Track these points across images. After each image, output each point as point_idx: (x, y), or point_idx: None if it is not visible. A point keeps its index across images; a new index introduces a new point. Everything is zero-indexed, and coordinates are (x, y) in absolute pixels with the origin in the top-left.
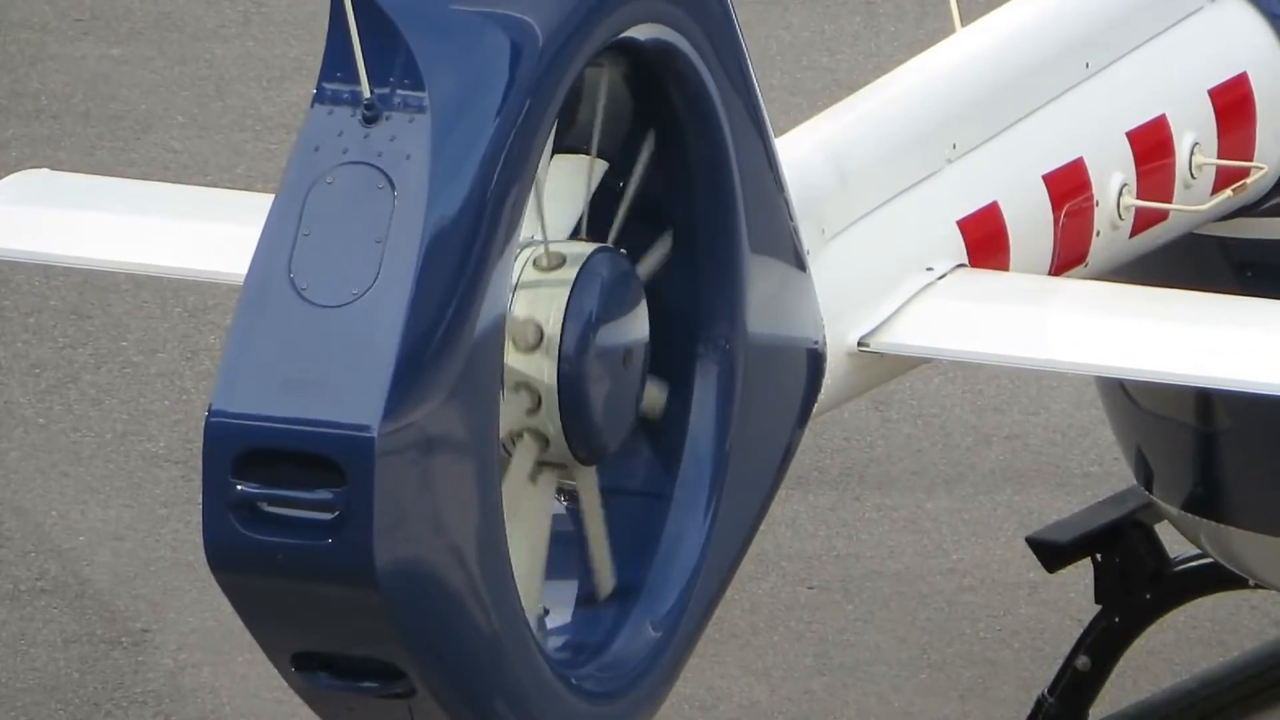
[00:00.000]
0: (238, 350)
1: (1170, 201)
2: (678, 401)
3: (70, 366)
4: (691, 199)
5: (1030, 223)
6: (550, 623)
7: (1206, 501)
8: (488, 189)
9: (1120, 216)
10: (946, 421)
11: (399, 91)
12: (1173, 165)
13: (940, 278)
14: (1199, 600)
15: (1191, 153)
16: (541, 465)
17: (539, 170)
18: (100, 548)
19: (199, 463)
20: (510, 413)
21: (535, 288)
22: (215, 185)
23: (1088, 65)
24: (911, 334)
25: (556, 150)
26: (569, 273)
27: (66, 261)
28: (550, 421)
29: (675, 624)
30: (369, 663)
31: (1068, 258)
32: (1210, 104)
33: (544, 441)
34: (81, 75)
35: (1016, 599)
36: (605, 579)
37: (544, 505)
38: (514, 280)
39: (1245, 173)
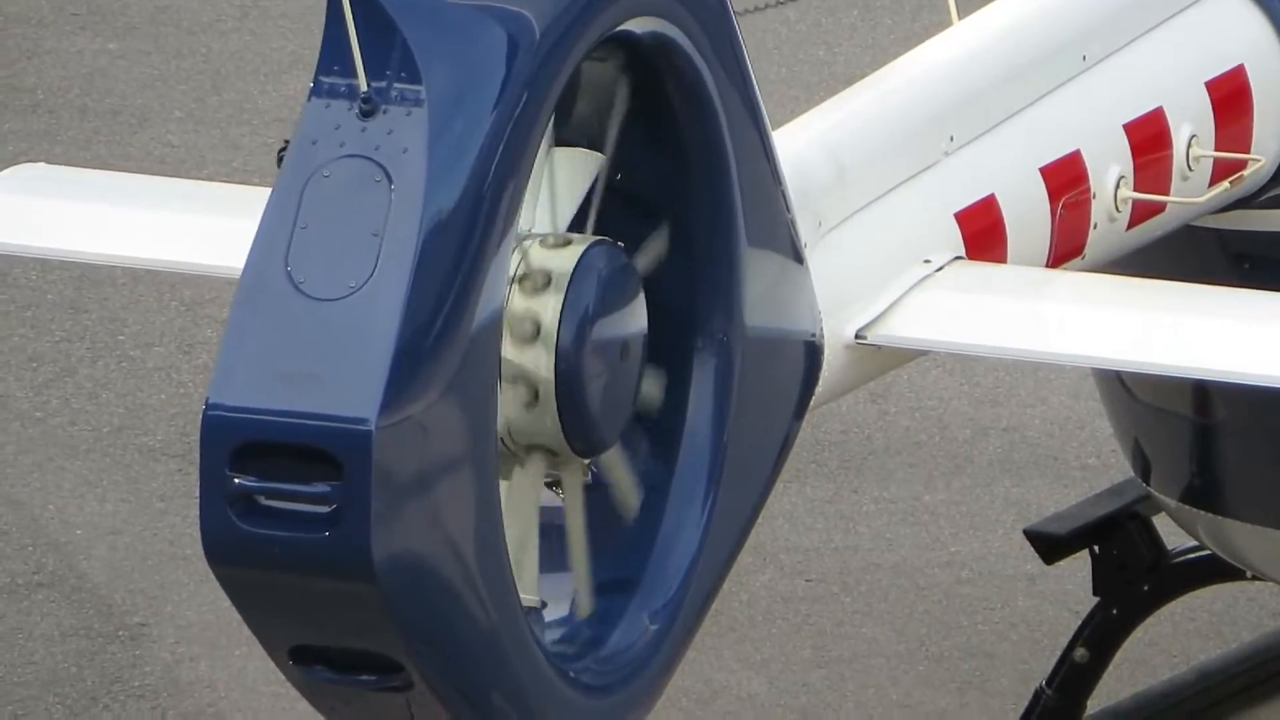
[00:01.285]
0: (235, 343)
1: (1167, 194)
2: (675, 394)
3: (67, 360)
4: (689, 192)
5: (1027, 215)
6: (547, 616)
7: (1204, 493)
8: (485, 182)
9: (1117, 209)
10: (944, 414)
11: (396, 85)
12: (1170, 157)
13: (937, 270)
14: (1197, 592)
15: (1189, 145)
16: (534, 456)
17: (537, 163)
18: (97, 541)
19: (196, 456)
20: (507, 405)
21: (532, 281)
22: (212, 179)
23: (1084, 58)
24: (909, 326)
25: (554, 143)
26: (566, 266)
27: (63, 255)
28: (548, 414)
29: (673, 617)
30: (366, 656)
31: (1065, 250)
32: (1207, 96)
33: (538, 433)
34: (78, 70)
35: (1014, 591)
36: (584, 597)
37: (537, 497)
38: (511, 273)
39: (1242, 165)
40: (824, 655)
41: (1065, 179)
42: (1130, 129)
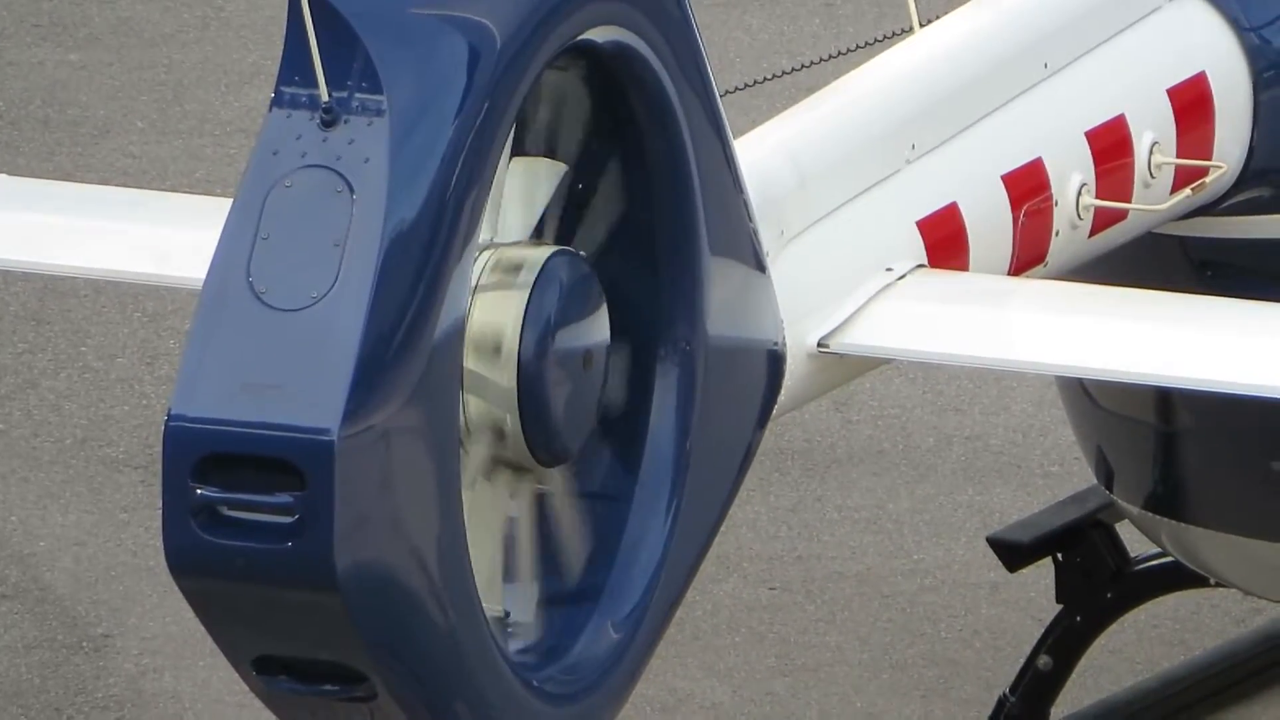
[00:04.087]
0: (197, 354)
1: (1130, 201)
2: (638, 403)
3: (29, 372)
4: (651, 201)
5: (990, 223)
6: (511, 625)
7: (1167, 500)
8: (446, 192)
9: (1079, 216)
10: (907, 422)
11: (357, 95)
12: (1132, 165)
13: (900, 278)
14: (1160, 599)
15: (1151, 152)
16: (497, 465)
17: (498, 173)
18: (61, 553)
19: (159, 467)
20: (470, 415)
21: (494, 290)
22: (174, 190)
23: (1046, 65)
24: (871, 335)
25: (515, 153)
26: (528, 276)
27: (25, 267)
28: (510, 424)
29: (636, 625)
30: (330, 666)
31: (1027, 258)
32: (1169, 103)
33: (501, 442)
34: (40, 81)
35: (978, 599)
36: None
37: (500, 506)
38: (473, 283)
39: (1204, 172)
40: (788, 664)
41: (1027, 187)
42: (1092, 136)
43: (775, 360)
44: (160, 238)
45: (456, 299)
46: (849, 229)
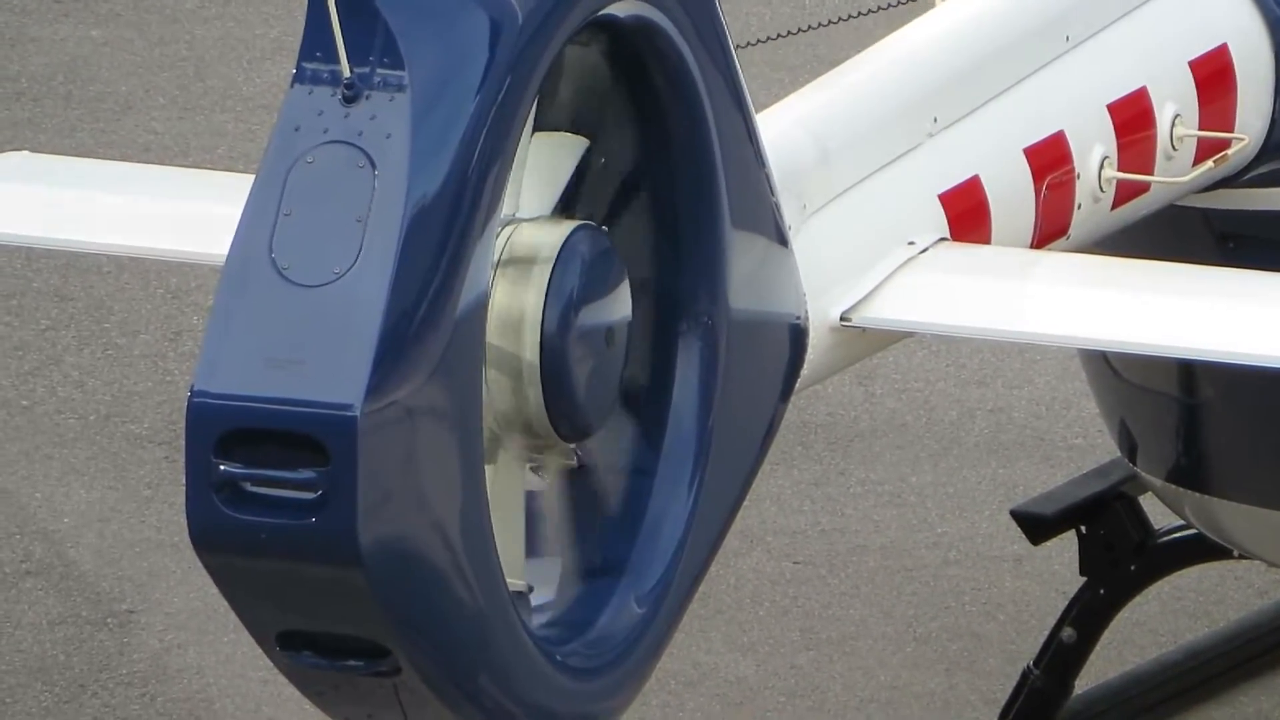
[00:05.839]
0: (220, 331)
1: (1151, 173)
2: (661, 378)
3: (53, 349)
4: (673, 176)
5: (1011, 196)
6: (535, 599)
7: (1190, 473)
8: (468, 167)
9: (1101, 189)
10: (930, 395)
11: (379, 70)
12: (1154, 137)
13: (922, 252)
14: (1184, 571)
15: (1172, 124)
16: (520, 440)
17: (520, 148)
18: (85, 529)
19: (183, 444)
20: (493, 390)
21: (517, 266)
22: (196, 166)
23: (1068, 38)
24: (893, 308)
25: (537, 128)
26: (550, 251)
27: (48, 244)
28: (533, 399)
29: (660, 600)
30: (354, 641)
31: (1049, 230)
32: (1191, 75)
33: (524, 418)
34: (61, 57)
35: (1001, 572)
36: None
37: (523, 482)
38: (495, 258)
39: (1226, 144)
40: (812, 637)
41: (1049, 159)
42: (1114, 109)
43: (798, 334)
44: (182, 214)
45: (479, 274)
46: (871, 203)
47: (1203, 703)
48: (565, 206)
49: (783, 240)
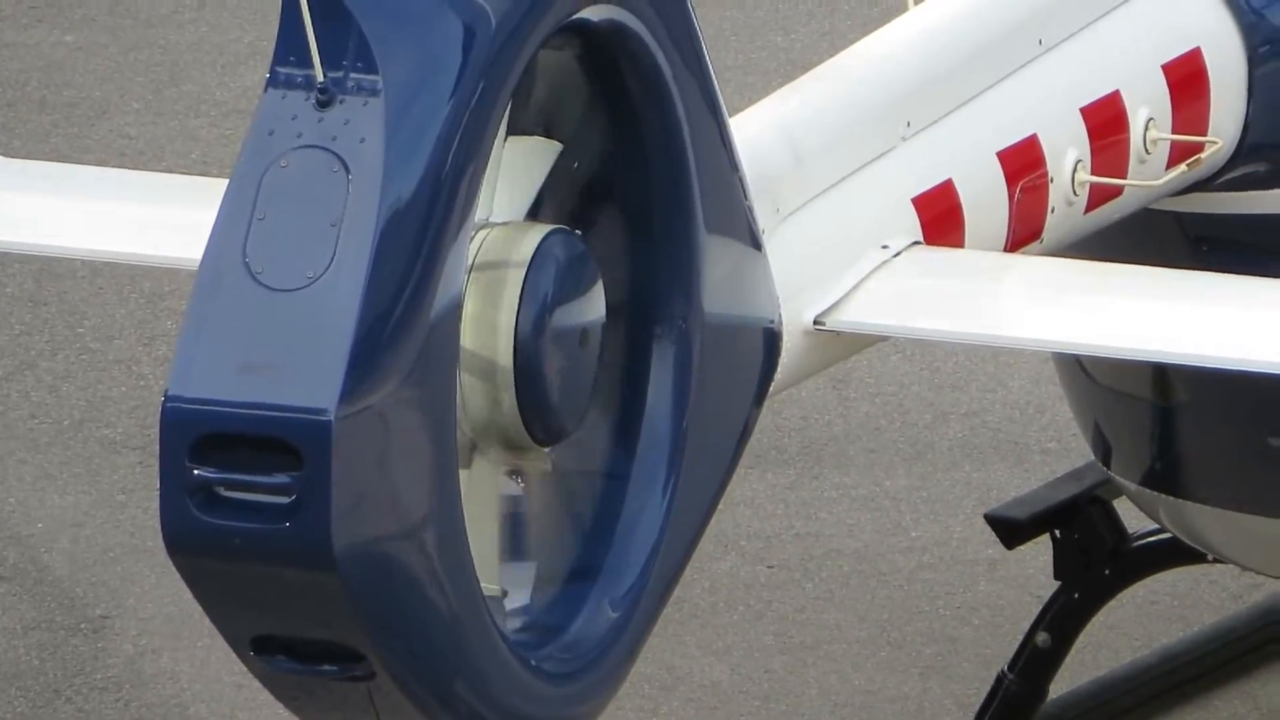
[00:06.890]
0: (193, 335)
1: (1125, 177)
2: (635, 381)
3: (27, 353)
4: (647, 179)
5: (985, 200)
6: (509, 604)
7: (1164, 477)
8: (442, 171)
9: (1075, 192)
10: (904, 399)
11: (353, 75)
12: (1127, 141)
13: (895, 255)
14: (1158, 575)
15: (1146, 128)
16: (494, 444)
17: (494, 152)
18: (59, 534)
19: (157, 448)
20: (467, 394)
21: (491, 270)
22: (170, 171)
23: (1041, 42)
24: (867, 312)
25: (511, 132)
26: (524, 255)
27: (22, 248)
28: (506, 403)
29: (634, 604)
30: (328, 646)
31: (1023, 234)
32: (1164, 79)
33: (498, 421)
34: (35, 62)
35: (976, 576)
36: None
37: (497, 485)
38: (469, 262)
39: (1200, 147)
40: (786, 642)
41: (1022, 163)
42: (1087, 112)
43: (771, 338)
44: (157, 219)
45: (453, 278)
46: (844, 206)
47: (1178, 706)
48: (539, 211)
49: (756, 244)
